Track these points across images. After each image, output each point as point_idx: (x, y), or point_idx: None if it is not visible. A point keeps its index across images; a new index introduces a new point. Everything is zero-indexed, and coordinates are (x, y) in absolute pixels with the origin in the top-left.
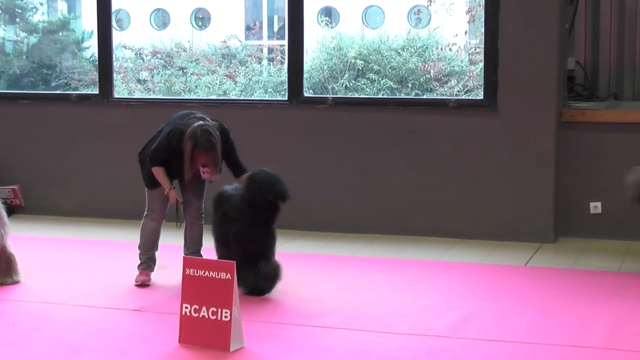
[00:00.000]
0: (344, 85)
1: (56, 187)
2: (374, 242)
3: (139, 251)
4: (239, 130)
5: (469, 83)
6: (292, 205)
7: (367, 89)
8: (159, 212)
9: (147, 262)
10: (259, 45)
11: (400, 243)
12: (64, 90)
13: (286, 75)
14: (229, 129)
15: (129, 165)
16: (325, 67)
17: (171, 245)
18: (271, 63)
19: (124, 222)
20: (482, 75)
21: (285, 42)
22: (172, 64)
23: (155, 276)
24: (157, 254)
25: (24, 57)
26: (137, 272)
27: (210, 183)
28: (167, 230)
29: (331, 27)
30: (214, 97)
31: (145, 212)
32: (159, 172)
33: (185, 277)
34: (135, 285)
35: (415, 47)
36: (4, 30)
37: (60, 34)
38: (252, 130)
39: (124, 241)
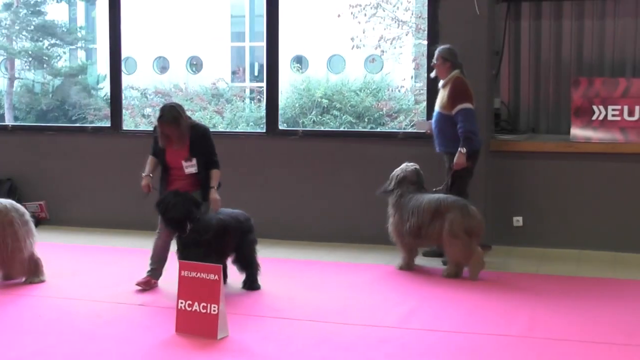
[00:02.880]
0: (312, 120)
1: (75, 203)
2: (335, 249)
3: (149, 261)
4: (226, 157)
5: (414, 118)
6: (268, 218)
7: (331, 123)
8: (163, 230)
9: (153, 271)
10: (242, 86)
11: (357, 250)
12: (82, 124)
13: (264, 111)
14: (208, 129)
15: (134, 185)
16: (297, 105)
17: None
18: (252, 101)
19: (129, 231)
20: (425, 112)
21: (264, 84)
22: (170, 101)
23: None
24: (164, 266)
25: (50, 96)
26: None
27: (196, 177)
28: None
29: (301, 72)
30: None
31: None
32: (149, 161)
33: (180, 278)
34: (135, 284)
35: (370, 89)
36: (33, 74)
37: (79, 77)
38: (236, 157)
39: (129, 248)
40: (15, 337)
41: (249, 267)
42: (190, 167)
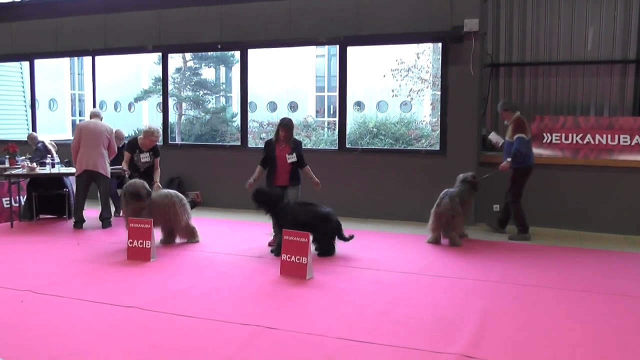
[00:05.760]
0: (366, 142)
1: (219, 192)
2: (382, 224)
3: (272, 230)
4: (312, 165)
5: (432, 141)
6: (339, 204)
7: (379, 144)
8: None
9: (277, 235)
10: (323, 120)
11: (396, 224)
12: (222, 143)
13: (337, 136)
14: (301, 142)
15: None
16: (357, 132)
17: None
18: (329, 130)
19: (251, 211)
20: (439, 138)
21: (337, 119)
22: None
23: (268, 239)
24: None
25: (203, 125)
26: (270, 238)
27: (291, 166)
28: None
29: (360, 111)
30: None
31: None
32: (258, 170)
33: (284, 240)
34: (268, 245)
35: (404, 122)
36: (193, 111)
37: (221, 114)
38: (319, 165)
39: (251, 222)
40: (180, 276)
41: (320, 243)
42: (292, 158)
